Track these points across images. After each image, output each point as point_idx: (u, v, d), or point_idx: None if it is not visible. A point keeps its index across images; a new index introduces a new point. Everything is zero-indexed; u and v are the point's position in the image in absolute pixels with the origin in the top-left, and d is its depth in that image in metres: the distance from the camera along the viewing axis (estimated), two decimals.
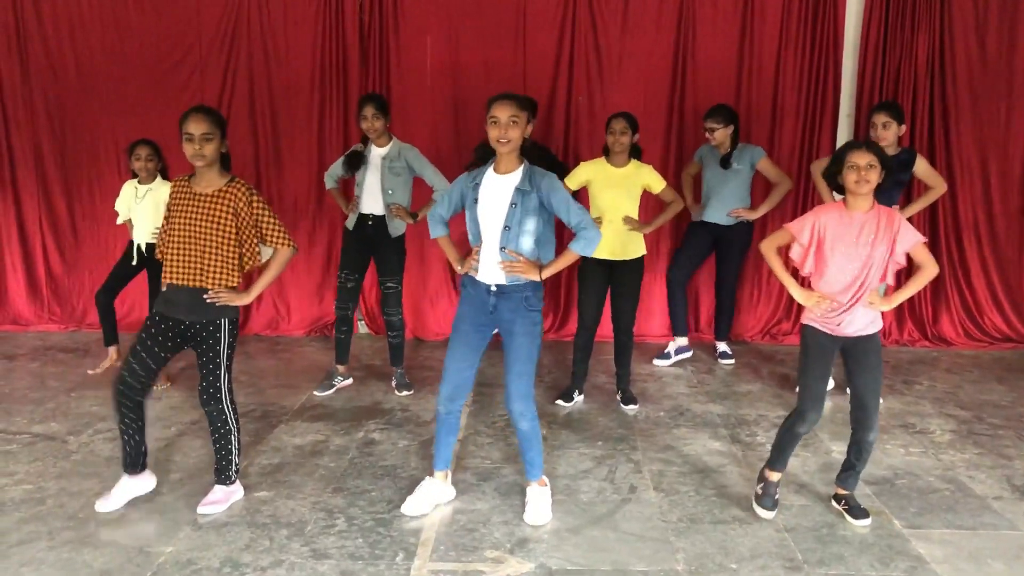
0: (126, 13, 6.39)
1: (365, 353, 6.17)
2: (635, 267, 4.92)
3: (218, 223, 3.44)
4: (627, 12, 6.26)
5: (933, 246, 6.40)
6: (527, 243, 3.40)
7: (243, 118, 6.45)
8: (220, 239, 3.44)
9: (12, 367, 5.75)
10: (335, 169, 5.28)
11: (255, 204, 3.49)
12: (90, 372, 5.27)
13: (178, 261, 3.47)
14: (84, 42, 6.44)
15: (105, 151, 6.50)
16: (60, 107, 6.52)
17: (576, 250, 3.44)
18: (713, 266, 6.10)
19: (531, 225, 3.39)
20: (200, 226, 3.44)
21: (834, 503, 3.64)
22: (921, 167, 5.02)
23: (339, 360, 5.30)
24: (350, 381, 5.36)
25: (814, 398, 3.48)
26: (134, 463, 3.65)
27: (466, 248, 3.58)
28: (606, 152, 4.93)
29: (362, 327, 6.74)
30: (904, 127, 5.05)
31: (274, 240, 3.54)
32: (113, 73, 6.43)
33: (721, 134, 5.58)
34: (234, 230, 3.46)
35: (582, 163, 5.01)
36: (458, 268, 3.57)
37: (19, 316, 6.78)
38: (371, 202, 5.08)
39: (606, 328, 5.05)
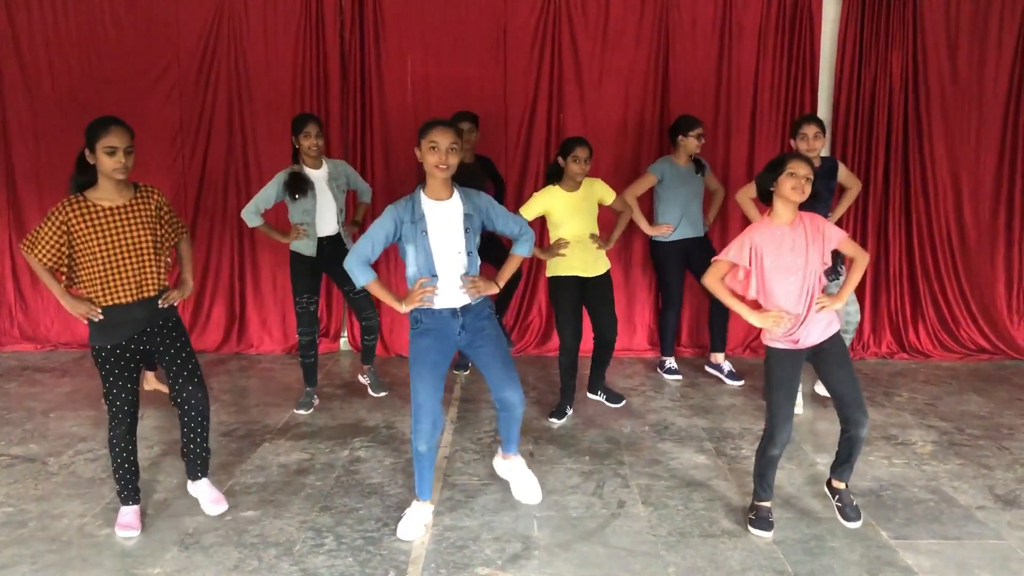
0: (103, 30, 6.34)
1: (346, 371, 6.14)
2: (606, 281, 4.96)
3: (148, 228, 3.41)
4: (607, 29, 6.31)
5: (908, 258, 6.50)
6: (475, 263, 3.50)
7: (222, 135, 6.42)
8: (151, 243, 3.42)
9: None
10: (261, 202, 4.94)
11: (165, 203, 3.54)
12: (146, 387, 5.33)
13: (118, 280, 3.35)
14: (60, 59, 6.38)
15: None
16: (35, 124, 6.45)
17: (522, 253, 3.65)
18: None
19: (476, 245, 3.50)
20: (131, 237, 3.36)
21: (827, 491, 3.70)
22: (843, 172, 5.21)
23: (310, 383, 5.28)
24: (318, 400, 5.31)
25: (782, 420, 3.49)
26: (138, 492, 3.64)
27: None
28: (555, 176, 4.84)
29: (343, 344, 6.71)
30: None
31: (180, 232, 3.67)
32: (90, 90, 6.37)
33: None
34: (159, 232, 3.48)
35: (535, 195, 4.90)
36: (402, 308, 3.45)
37: None
38: (326, 224, 5.06)
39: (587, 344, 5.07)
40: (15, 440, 4.65)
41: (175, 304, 3.56)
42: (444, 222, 3.41)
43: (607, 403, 5.07)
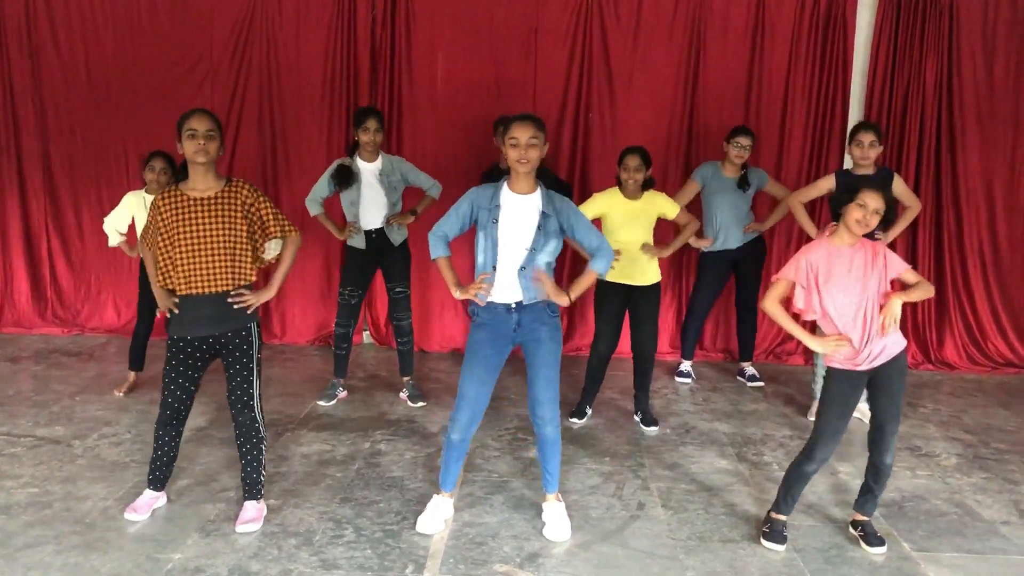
0: (139, 19, 6.42)
1: (370, 363, 6.17)
2: (653, 292, 4.86)
3: (229, 223, 3.39)
4: (638, 31, 6.29)
5: (938, 270, 6.44)
6: (543, 261, 3.41)
7: (252, 127, 6.47)
8: (233, 239, 3.39)
9: (16, 370, 5.74)
10: (319, 191, 5.06)
11: (261, 200, 3.47)
12: (117, 393, 5.23)
13: (191, 270, 3.37)
14: (96, 46, 6.47)
15: (115, 156, 6.52)
16: (70, 111, 6.54)
17: (598, 270, 3.48)
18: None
19: (552, 246, 3.41)
20: (209, 230, 3.36)
21: (851, 529, 3.61)
22: (899, 186, 4.98)
23: (338, 374, 5.29)
24: (345, 392, 5.33)
25: (827, 439, 3.41)
26: (164, 480, 3.66)
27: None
28: (619, 182, 4.85)
29: (366, 337, 6.73)
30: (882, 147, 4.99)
31: (284, 231, 3.54)
32: (124, 78, 6.46)
33: (749, 152, 5.55)
34: (245, 228, 3.42)
35: (596, 195, 4.90)
36: (456, 293, 3.42)
37: (22, 319, 6.77)
38: (372, 218, 5.07)
39: (623, 346, 5.03)
40: (41, 422, 4.71)
41: (248, 311, 3.46)
42: (519, 216, 3.37)
43: (641, 425, 4.92)
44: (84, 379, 5.53)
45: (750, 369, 5.96)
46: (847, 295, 3.32)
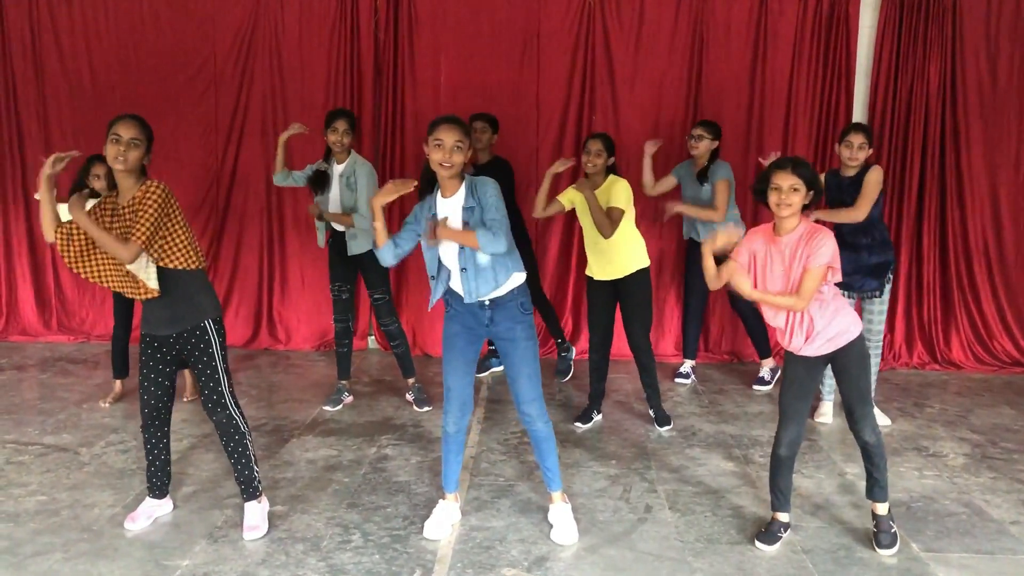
0: (142, 27, 6.43)
1: (375, 368, 6.17)
2: (637, 282, 4.77)
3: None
4: (640, 34, 6.29)
5: (943, 269, 6.42)
6: (484, 257, 3.35)
7: (255, 134, 6.48)
8: (150, 245, 3.24)
9: (22, 378, 5.75)
10: (293, 176, 5.18)
11: (146, 202, 3.19)
12: (103, 404, 5.19)
13: (121, 282, 3.30)
14: (99, 55, 6.49)
15: None
16: (73, 120, 6.56)
17: (477, 235, 3.23)
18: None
19: None
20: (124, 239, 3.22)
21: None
22: (870, 179, 4.68)
23: (341, 376, 5.30)
24: (351, 398, 5.34)
25: (787, 418, 3.46)
26: (162, 487, 3.66)
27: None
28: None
29: (371, 342, 6.74)
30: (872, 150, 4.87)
31: (134, 232, 3.18)
32: (127, 87, 6.47)
33: (705, 146, 5.50)
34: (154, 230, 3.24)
35: (573, 184, 4.95)
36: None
37: (28, 327, 6.79)
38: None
39: (622, 347, 5.03)
40: (48, 430, 4.71)
41: (204, 320, 3.40)
42: (450, 218, 3.38)
43: (655, 424, 4.95)
44: (90, 387, 5.54)
45: (763, 370, 5.89)
46: (775, 284, 3.32)
